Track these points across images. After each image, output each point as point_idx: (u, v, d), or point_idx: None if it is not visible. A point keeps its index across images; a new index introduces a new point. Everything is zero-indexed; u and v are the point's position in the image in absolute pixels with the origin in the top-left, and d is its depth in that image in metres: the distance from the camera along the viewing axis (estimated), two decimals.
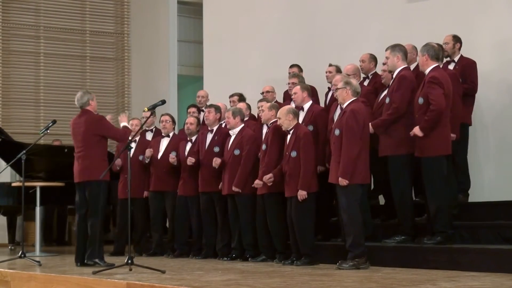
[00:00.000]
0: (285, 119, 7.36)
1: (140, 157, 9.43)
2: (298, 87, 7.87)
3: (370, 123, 7.00)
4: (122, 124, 7.95)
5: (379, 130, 7.10)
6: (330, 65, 8.50)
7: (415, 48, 7.82)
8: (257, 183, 7.64)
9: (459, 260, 6.42)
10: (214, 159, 8.36)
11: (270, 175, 7.46)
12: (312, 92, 8.66)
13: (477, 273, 6.02)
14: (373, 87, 8.12)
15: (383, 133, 7.11)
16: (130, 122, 9.79)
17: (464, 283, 5.34)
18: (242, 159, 8.06)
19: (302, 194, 7.15)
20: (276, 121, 7.79)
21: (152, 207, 9.39)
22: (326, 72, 8.46)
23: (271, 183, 7.47)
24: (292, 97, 7.94)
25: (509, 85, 8.29)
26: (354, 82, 7.03)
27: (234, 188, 8.00)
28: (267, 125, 7.95)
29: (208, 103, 9.54)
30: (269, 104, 8.01)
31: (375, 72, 8.34)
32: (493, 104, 8.13)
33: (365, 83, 8.21)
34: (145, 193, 9.47)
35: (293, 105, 7.94)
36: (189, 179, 8.83)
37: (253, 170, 7.96)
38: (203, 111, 9.49)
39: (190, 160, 8.67)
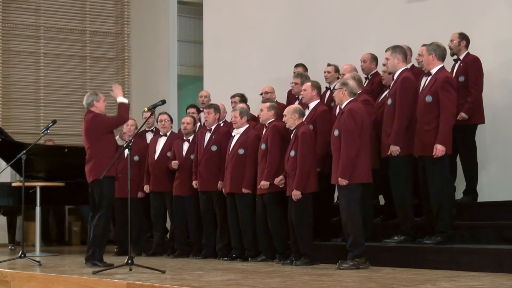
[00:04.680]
0: (290, 117, 7.35)
1: (136, 158, 9.41)
2: (309, 84, 7.84)
3: (391, 144, 6.94)
4: (118, 100, 7.62)
5: (399, 142, 6.99)
6: (329, 64, 8.50)
7: (409, 48, 7.81)
8: (264, 184, 7.58)
9: (459, 260, 6.42)
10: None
11: (281, 177, 7.44)
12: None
13: (477, 273, 6.03)
14: (370, 87, 8.12)
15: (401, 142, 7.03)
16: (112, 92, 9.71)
17: (464, 283, 5.35)
18: (247, 159, 8.02)
19: (296, 194, 7.14)
20: (274, 120, 7.80)
21: (153, 207, 9.38)
22: (325, 72, 8.47)
23: (282, 185, 7.45)
24: (302, 93, 7.92)
25: (509, 85, 8.28)
26: (351, 83, 7.01)
27: (244, 190, 7.98)
28: (265, 125, 7.93)
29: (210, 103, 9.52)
30: (268, 104, 8.00)
31: (376, 71, 8.34)
32: (493, 104, 8.12)
33: (364, 84, 8.17)
34: (140, 194, 9.43)
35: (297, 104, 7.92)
36: (186, 179, 8.82)
37: (251, 170, 7.96)
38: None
39: (175, 164, 8.85)
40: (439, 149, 6.71)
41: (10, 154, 9.60)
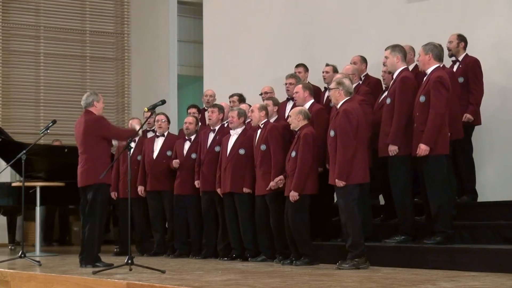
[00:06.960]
0: (294, 118, 7.33)
1: (139, 157, 9.43)
2: (300, 86, 7.83)
3: (390, 144, 6.94)
4: (136, 127, 7.70)
5: (397, 141, 6.99)
6: (327, 65, 8.49)
7: (412, 48, 7.81)
8: (274, 185, 7.54)
9: (459, 260, 6.42)
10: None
11: (281, 177, 7.44)
12: (316, 93, 8.65)
13: (477, 273, 6.03)
14: (367, 87, 8.11)
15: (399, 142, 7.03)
16: (130, 121, 9.78)
17: (464, 283, 5.35)
18: (248, 160, 8.00)
19: (293, 195, 7.13)
20: (268, 121, 7.79)
21: (151, 207, 9.37)
22: (323, 72, 8.45)
23: (281, 185, 7.45)
24: (294, 96, 7.91)
25: (508, 85, 8.29)
26: (347, 82, 6.97)
27: (245, 190, 7.97)
28: (259, 126, 7.91)
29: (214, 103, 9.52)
30: (258, 105, 7.99)
31: (367, 73, 8.36)
32: (493, 104, 8.13)
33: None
34: (143, 193, 9.42)
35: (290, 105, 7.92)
36: (186, 178, 8.83)
37: (252, 170, 7.96)
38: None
39: (176, 163, 8.84)
40: (422, 149, 6.70)
41: (10, 154, 9.61)
